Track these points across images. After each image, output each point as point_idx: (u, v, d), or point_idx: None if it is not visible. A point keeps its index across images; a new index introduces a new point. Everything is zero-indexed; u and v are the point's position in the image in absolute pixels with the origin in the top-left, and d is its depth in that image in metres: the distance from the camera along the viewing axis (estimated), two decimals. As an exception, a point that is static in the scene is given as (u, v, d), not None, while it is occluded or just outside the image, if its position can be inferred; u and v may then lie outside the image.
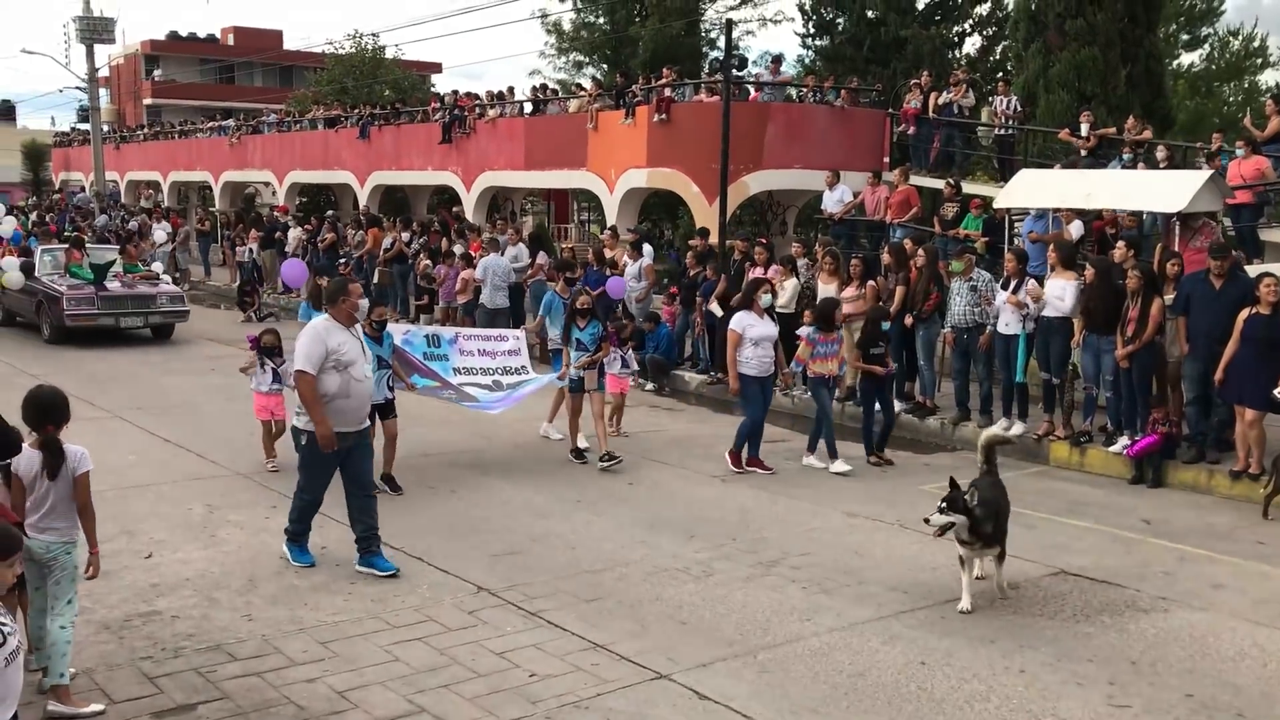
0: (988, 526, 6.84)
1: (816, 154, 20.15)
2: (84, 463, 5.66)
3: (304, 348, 7.07)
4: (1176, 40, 34.59)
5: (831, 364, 10.74)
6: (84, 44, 36.55)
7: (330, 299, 7.33)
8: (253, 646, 6.14)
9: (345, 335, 7.20)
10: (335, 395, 7.09)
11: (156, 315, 18.83)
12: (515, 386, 10.87)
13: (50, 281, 18.61)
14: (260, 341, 10.20)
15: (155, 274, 20.15)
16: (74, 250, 19.42)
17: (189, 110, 53.13)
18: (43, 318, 18.50)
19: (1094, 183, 13.73)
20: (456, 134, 26.16)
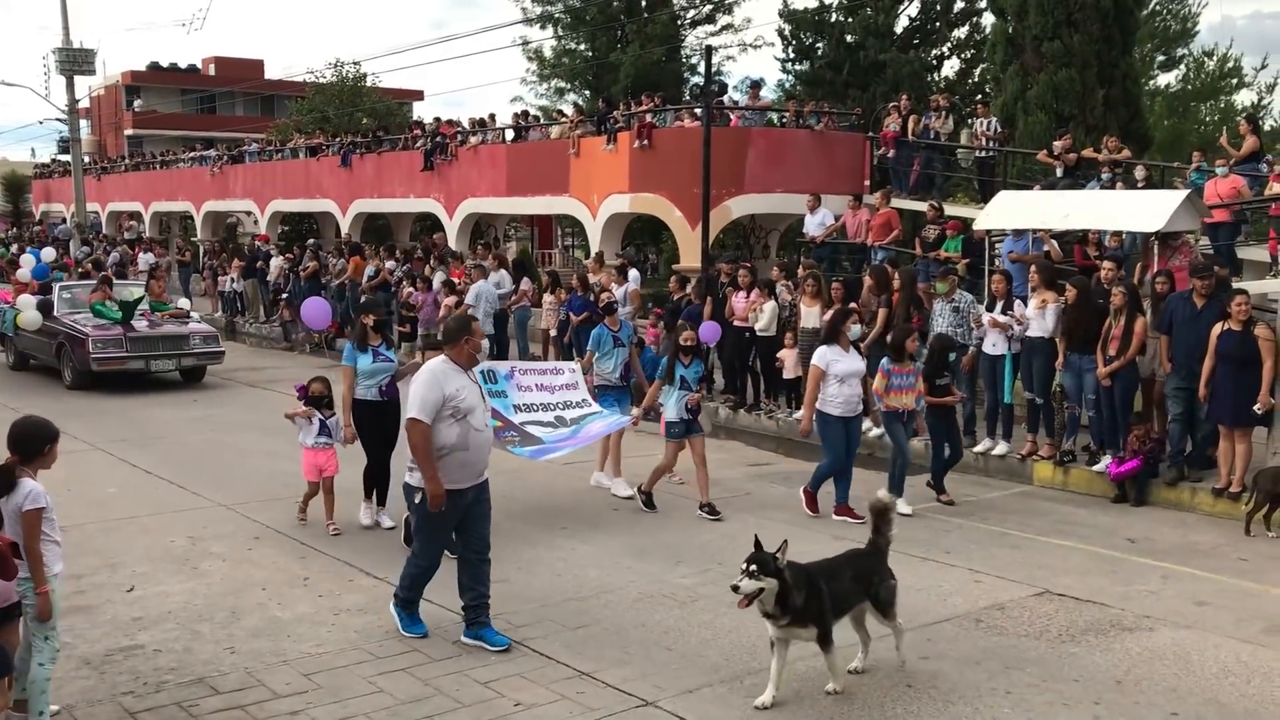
0: (797, 598, 5.73)
1: (797, 178, 20.27)
2: (33, 500, 5.22)
3: (420, 393, 6.32)
4: (1152, 61, 34.94)
5: (908, 397, 9.84)
6: (64, 75, 36.46)
7: (450, 338, 6.54)
8: (236, 679, 6.09)
9: (464, 379, 6.47)
10: (454, 447, 6.34)
11: (190, 357, 17.26)
12: (579, 423, 10.01)
13: (72, 321, 17.03)
14: (309, 390, 9.27)
15: (184, 311, 18.73)
16: (101, 287, 17.93)
17: (170, 140, 53.17)
18: (64, 361, 16.96)
19: (1072, 203, 13.83)
20: (438, 161, 26.21)
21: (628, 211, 21.90)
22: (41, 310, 17.25)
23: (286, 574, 8.00)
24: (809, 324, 13.39)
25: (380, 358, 9.11)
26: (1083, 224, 13.69)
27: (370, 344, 9.10)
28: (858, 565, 6.25)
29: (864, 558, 6.33)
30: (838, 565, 6.19)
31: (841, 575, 6.08)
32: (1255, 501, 9.13)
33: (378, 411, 9.10)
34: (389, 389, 9.13)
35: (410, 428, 6.30)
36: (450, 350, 6.50)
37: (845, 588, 6.04)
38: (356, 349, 9.07)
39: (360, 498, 9.40)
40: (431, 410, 6.27)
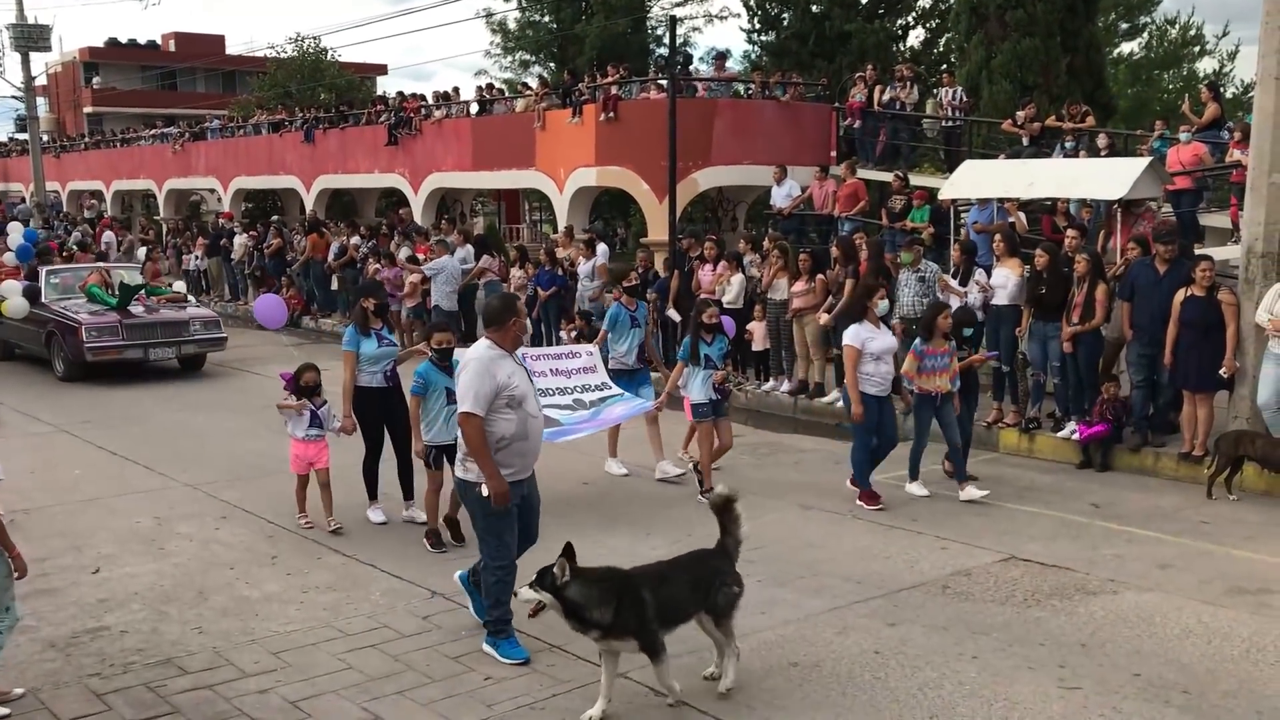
0: (599, 614, 5.27)
1: (764, 149, 20.25)
2: None
3: (471, 384, 5.80)
4: (1115, 29, 35.11)
5: (941, 379, 9.33)
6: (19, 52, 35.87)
7: (495, 320, 6.04)
8: (204, 659, 6.06)
9: (512, 365, 5.97)
10: (513, 437, 5.88)
11: (190, 344, 16.09)
12: (599, 405, 9.63)
13: (63, 308, 15.93)
14: (299, 380, 8.66)
15: (181, 294, 17.63)
16: (98, 270, 17.06)
17: (131, 118, 52.42)
18: (55, 351, 15.82)
19: (1036, 172, 13.91)
20: (402, 135, 26.00)
21: (594, 185, 21.82)
22: (28, 297, 16.20)
23: (254, 553, 7.97)
24: (777, 296, 13.42)
25: (384, 342, 8.79)
26: (1047, 193, 13.77)
27: (372, 328, 8.74)
28: (698, 569, 5.70)
29: (707, 560, 5.77)
30: (672, 569, 5.69)
31: (676, 580, 5.59)
32: (1217, 465, 9.24)
33: (383, 398, 8.73)
34: (392, 374, 8.82)
35: (463, 423, 5.82)
36: (495, 333, 6.00)
37: (680, 593, 5.54)
38: (358, 333, 8.66)
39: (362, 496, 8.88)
40: (485, 402, 5.79)
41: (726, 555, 5.75)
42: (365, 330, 8.68)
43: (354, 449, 8.93)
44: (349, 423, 8.61)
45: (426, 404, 7.95)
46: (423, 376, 7.92)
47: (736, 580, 5.68)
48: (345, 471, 8.82)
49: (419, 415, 7.97)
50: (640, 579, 5.48)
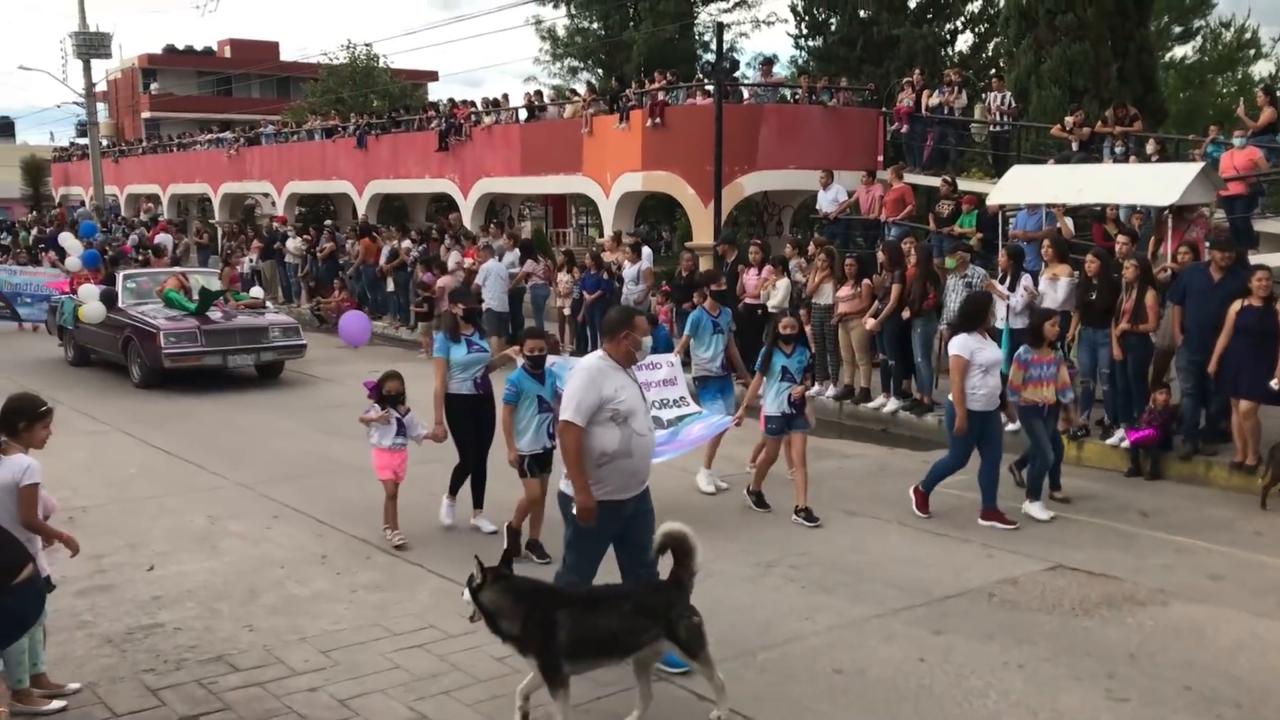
0: (508, 625, 5.18)
1: (810, 154, 20.20)
2: (30, 475, 5.36)
3: (574, 393, 5.65)
4: (1168, 33, 34.62)
5: (1048, 389, 8.96)
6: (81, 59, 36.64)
7: (609, 332, 5.84)
8: (254, 657, 6.17)
9: (623, 378, 5.76)
10: (615, 454, 5.65)
11: (270, 351, 15.57)
12: (678, 423, 9.22)
13: (140, 313, 15.46)
14: (382, 389, 8.45)
15: (260, 300, 17.22)
16: (176, 275, 16.70)
17: (187, 123, 53.28)
18: (131, 357, 15.37)
19: (1086, 177, 13.77)
20: (453, 141, 26.23)
21: (640, 190, 21.88)
22: (105, 301, 15.82)
23: (304, 552, 8.09)
24: (822, 300, 13.40)
25: (474, 348, 8.61)
26: (1096, 198, 13.63)
27: (463, 334, 8.60)
28: (647, 599, 5.37)
29: (657, 592, 5.44)
30: (612, 597, 5.44)
31: (610, 609, 5.29)
32: (1271, 475, 9.11)
33: (473, 405, 8.60)
34: (483, 381, 8.67)
35: (562, 431, 5.66)
36: (608, 345, 5.82)
37: (611, 624, 5.21)
38: (448, 339, 8.56)
39: (444, 494, 8.82)
40: (586, 413, 5.60)
41: (680, 587, 5.37)
42: (455, 336, 8.57)
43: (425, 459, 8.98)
44: (440, 430, 8.49)
45: (518, 412, 7.78)
46: (515, 384, 7.76)
47: (694, 612, 5.31)
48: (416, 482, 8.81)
49: (511, 424, 7.76)
50: (562, 600, 5.26)
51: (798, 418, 8.94)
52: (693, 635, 5.25)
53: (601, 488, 5.65)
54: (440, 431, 8.50)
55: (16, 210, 54.71)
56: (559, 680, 5.10)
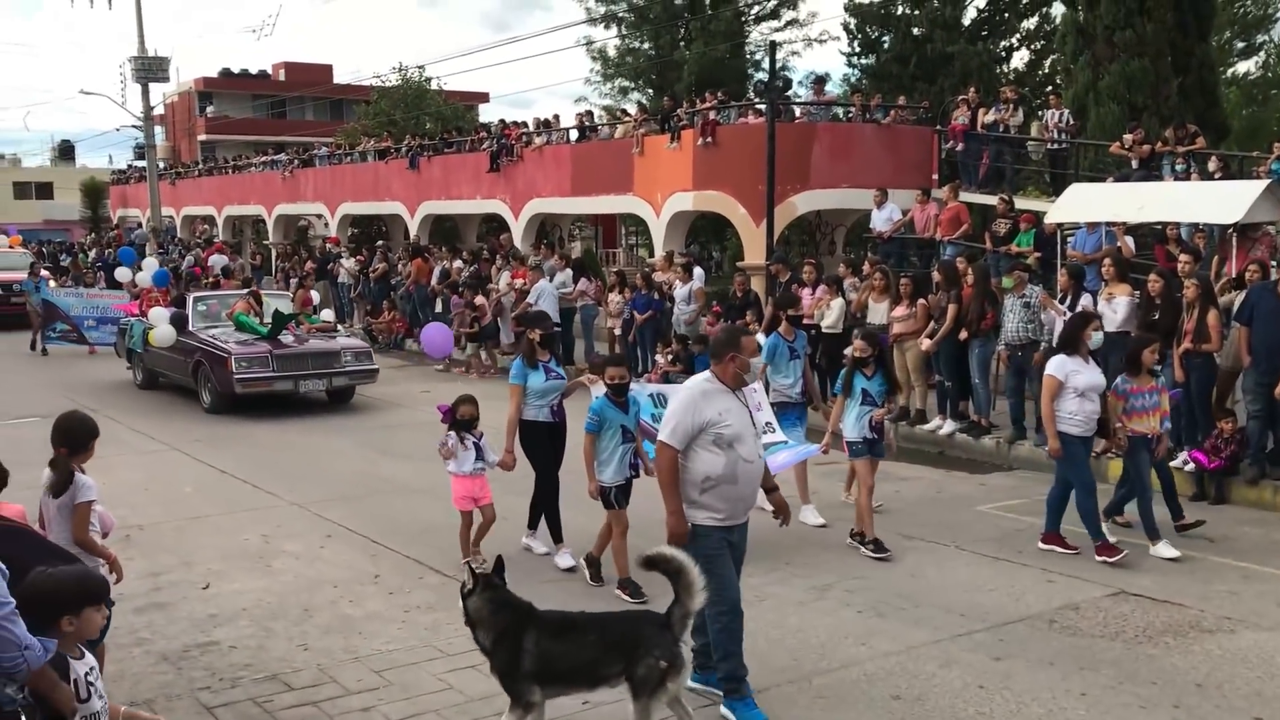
0: (483, 638, 5.21)
1: (864, 173, 20.06)
2: (85, 493, 5.43)
3: (674, 414, 5.57)
4: (1230, 48, 34.10)
5: (1152, 419, 8.56)
6: (140, 83, 37.35)
7: (715, 354, 5.68)
8: (308, 676, 6.18)
9: (730, 401, 5.59)
10: (719, 479, 5.50)
11: (342, 376, 15.21)
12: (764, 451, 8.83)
13: (211, 337, 15.30)
14: (456, 413, 8.19)
15: (331, 324, 16.85)
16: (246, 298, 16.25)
17: (242, 145, 54.09)
18: (202, 381, 15.12)
19: (1147, 196, 13.55)
20: (504, 162, 26.40)
21: (691, 209, 21.85)
22: (175, 324, 15.64)
23: (357, 572, 8.11)
24: (876, 320, 13.27)
25: (552, 375, 8.34)
26: (1158, 216, 13.42)
27: (539, 360, 8.34)
28: (621, 632, 5.12)
29: (637, 625, 5.18)
30: (587, 625, 5.20)
31: (581, 638, 5.11)
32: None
33: (550, 434, 8.37)
34: (559, 408, 8.42)
35: (659, 451, 5.55)
36: (715, 367, 5.66)
37: (580, 654, 5.07)
38: (525, 365, 8.29)
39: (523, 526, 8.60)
40: (685, 436, 5.47)
41: (666, 625, 5.04)
42: (532, 362, 8.31)
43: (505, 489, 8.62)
44: (509, 458, 8.28)
45: (600, 442, 7.52)
46: (598, 413, 7.51)
47: (667, 654, 4.95)
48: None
49: (593, 454, 7.52)
50: (536, 622, 5.12)
51: (878, 443, 8.68)
52: (646, 677, 4.92)
53: (704, 512, 5.56)
54: (510, 460, 8.27)
55: (76, 232, 55.94)
56: (520, 702, 5.05)
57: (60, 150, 74.59)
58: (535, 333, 8.48)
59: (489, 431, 8.38)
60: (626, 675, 4.96)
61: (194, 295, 17.17)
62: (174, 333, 15.49)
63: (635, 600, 7.27)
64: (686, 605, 5.02)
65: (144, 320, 16.72)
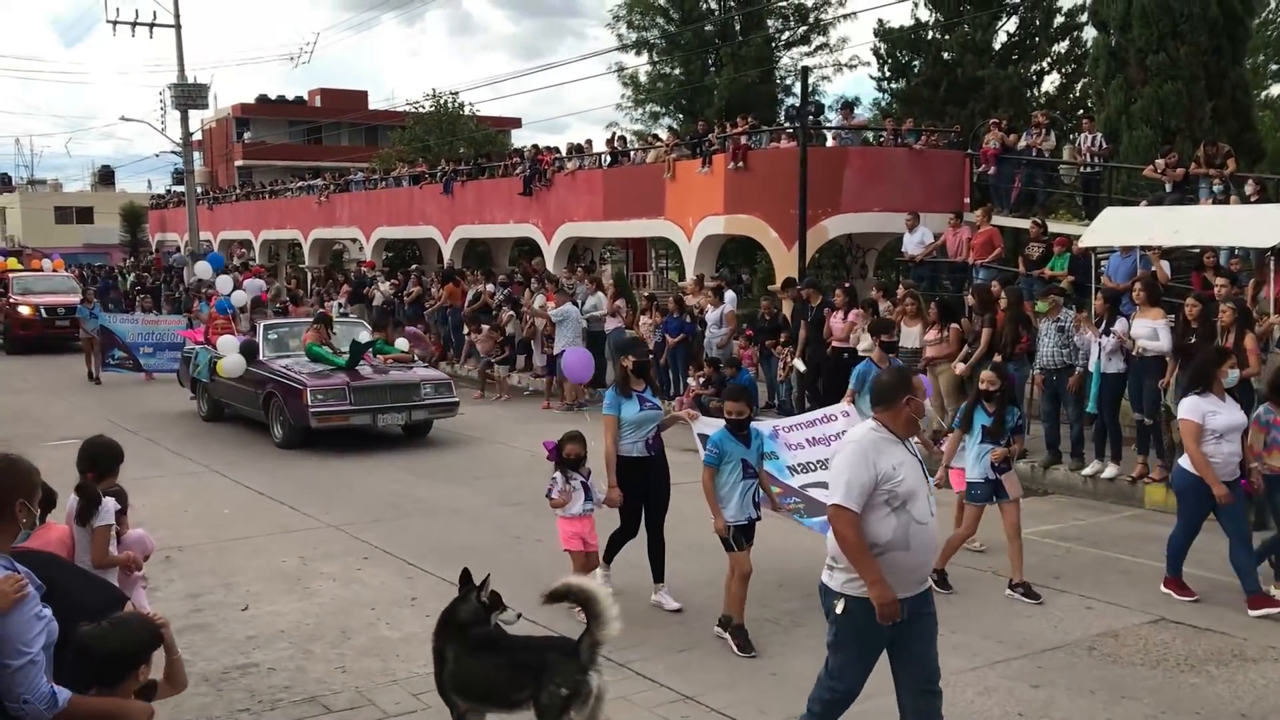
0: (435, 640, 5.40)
1: (895, 196, 20.06)
2: (103, 517, 5.48)
3: (844, 471, 4.81)
4: (1264, 71, 33.89)
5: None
6: (179, 110, 37.83)
7: (884, 398, 4.95)
8: (347, 698, 6.22)
9: (902, 453, 4.85)
10: (890, 545, 4.75)
11: (421, 410, 14.27)
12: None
13: (284, 367, 14.41)
14: (562, 452, 7.72)
15: (409, 354, 15.91)
16: (317, 326, 15.20)
17: (278, 170, 54.78)
18: (274, 414, 14.27)
19: (1181, 219, 13.47)
20: (536, 187, 26.58)
21: (723, 233, 21.93)
22: (245, 353, 14.90)
23: (394, 594, 8.15)
24: (909, 344, 13.25)
25: (647, 405, 7.85)
26: (1192, 240, 13.32)
27: (634, 389, 7.85)
28: (528, 657, 5.13)
29: (545, 651, 5.18)
30: (503, 647, 5.23)
31: (494, 658, 5.16)
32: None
33: (643, 469, 7.86)
34: (655, 441, 7.95)
35: (835, 517, 4.81)
36: (884, 413, 4.93)
37: (489, 674, 5.12)
38: (619, 395, 7.81)
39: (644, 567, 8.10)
40: (862, 496, 4.75)
41: (573, 654, 4.98)
42: (626, 392, 7.82)
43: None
44: (615, 494, 7.77)
45: (720, 477, 7.01)
46: (718, 446, 7.02)
47: (569, 683, 4.89)
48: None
49: (713, 488, 7.02)
50: (460, 637, 5.20)
51: (1002, 485, 8.04)
52: (549, 705, 4.90)
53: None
54: (616, 496, 7.78)
55: (115, 255, 56.70)
56: (453, 713, 5.24)
57: (100, 175, 75.70)
58: (628, 360, 7.99)
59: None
60: (534, 704, 4.97)
61: (264, 323, 16.33)
62: (244, 362, 14.77)
63: (742, 654, 6.90)
64: (595, 635, 4.96)
65: (210, 349, 16.09)
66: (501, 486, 11.76)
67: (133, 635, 3.87)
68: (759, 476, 7.20)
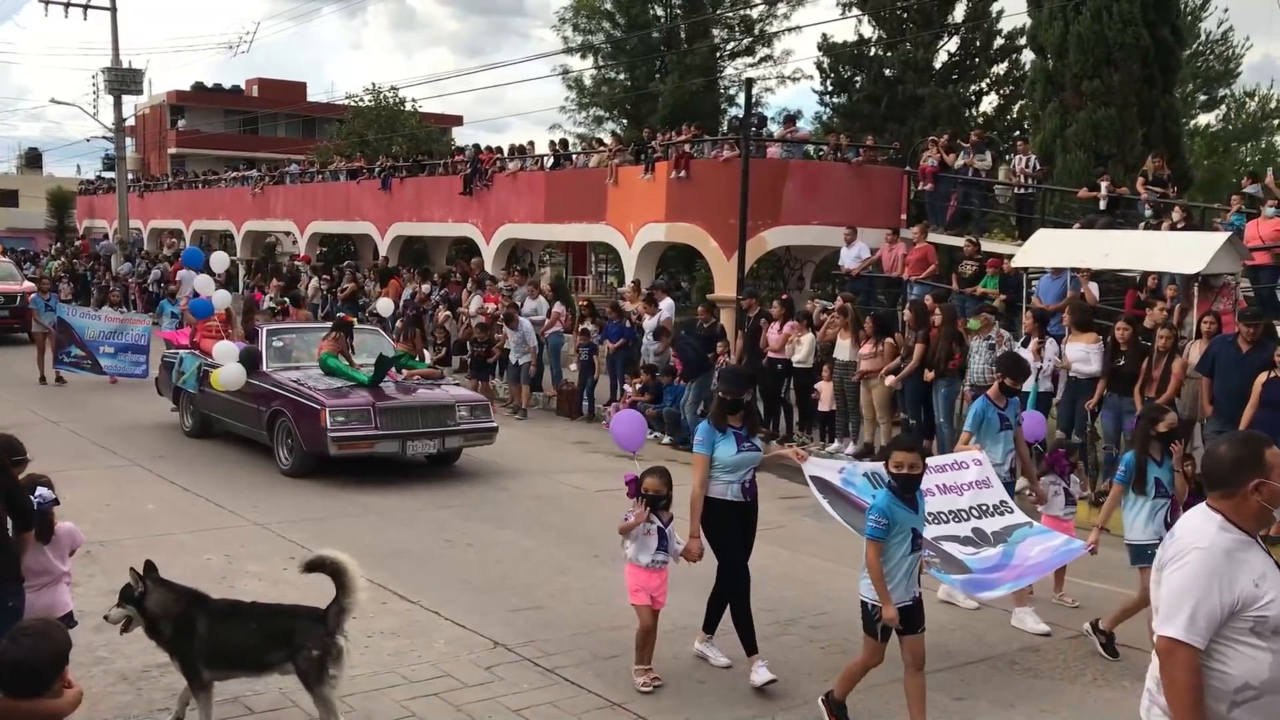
0: (165, 628, 5.52)
1: (834, 210, 20.28)
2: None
3: (1189, 591, 3.40)
4: (1193, 100, 34.84)
5: None
6: (112, 95, 37.13)
7: (1226, 480, 3.53)
8: (270, 700, 6.13)
9: (1261, 559, 3.47)
10: (1264, 687, 3.40)
11: (456, 436, 12.18)
12: (1008, 539, 7.30)
13: (295, 381, 12.28)
14: (642, 486, 6.63)
15: (437, 370, 14.19)
16: (334, 332, 13.05)
17: (213, 160, 53.84)
18: (280, 436, 12.17)
19: (1112, 242, 13.78)
20: (477, 186, 26.45)
21: (663, 240, 21.99)
22: (246, 363, 12.75)
23: (320, 595, 8.02)
24: (842, 356, 13.40)
25: (745, 445, 6.77)
26: (1122, 264, 13.64)
27: (730, 425, 6.78)
28: (271, 623, 5.52)
29: (292, 616, 5.55)
30: (249, 613, 5.63)
31: (243, 624, 5.52)
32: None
33: (739, 516, 6.83)
34: (752, 485, 6.88)
35: (1169, 654, 3.43)
36: (1224, 500, 3.53)
37: (242, 640, 5.45)
38: (713, 429, 6.75)
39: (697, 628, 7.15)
40: (1210, 628, 3.39)
41: (319, 618, 5.43)
42: (722, 426, 6.75)
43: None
44: (696, 544, 6.69)
45: (887, 550, 5.74)
46: (884, 513, 5.72)
47: (319, 645, 5.33)
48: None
49: (880, 569, 5.70)
50: (207, 608, 5.55)
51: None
52: (310, 669, 5.35)
53: None
54: (697, 548, 6.69)
55: (40, 241, 55.38)
56: (198, 683, 5.47)
57: (27, 158, 73.88)
58: (726, 391, 6.88)
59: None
60: (295, 669, 5.40)
61: (268, 328, 13.95)
62: (244, 373, 12.60)
63: None
64: (343, 602, 5.46)
65: (197, 354, 14.05)
66: (435, 490, 11.67)
67: (46, 645, 3.71)
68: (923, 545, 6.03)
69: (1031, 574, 7.15)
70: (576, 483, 12.15)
